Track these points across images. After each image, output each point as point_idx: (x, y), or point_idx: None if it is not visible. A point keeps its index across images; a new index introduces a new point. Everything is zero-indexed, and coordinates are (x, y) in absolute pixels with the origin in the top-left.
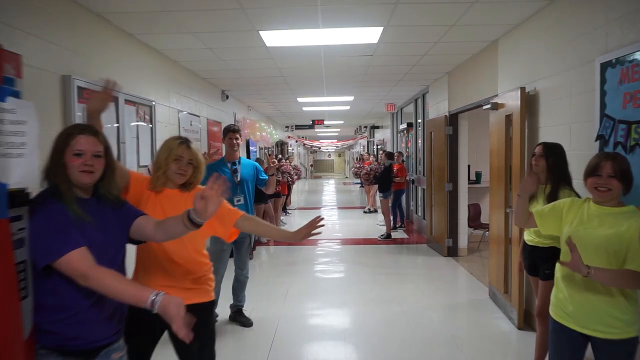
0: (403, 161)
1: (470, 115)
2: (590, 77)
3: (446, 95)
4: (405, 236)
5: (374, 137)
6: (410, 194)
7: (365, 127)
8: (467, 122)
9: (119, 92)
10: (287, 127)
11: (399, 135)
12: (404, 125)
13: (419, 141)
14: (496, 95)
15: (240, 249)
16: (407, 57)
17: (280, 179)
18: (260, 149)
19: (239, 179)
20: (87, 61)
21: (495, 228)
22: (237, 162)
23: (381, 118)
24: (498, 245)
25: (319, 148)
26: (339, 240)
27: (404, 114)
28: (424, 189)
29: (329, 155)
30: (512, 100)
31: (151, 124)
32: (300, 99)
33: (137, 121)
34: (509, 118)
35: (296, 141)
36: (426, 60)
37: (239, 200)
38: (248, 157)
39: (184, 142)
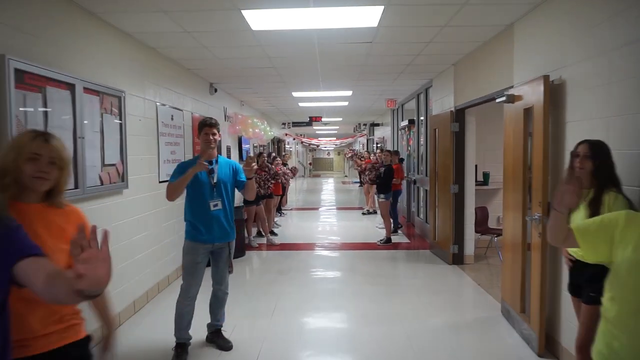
0: (402, 160)
1: (477, 111)
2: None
3: (452, 88)
4: (406, 240)
5: (373, 135)
6: (412, 195)
7: (365, 124)
8: (475, 119)
9: (76, 78)
10: (283, 124)
11: (399, 132)
12: (405, 122)
13: (422, 139)
14: (511, 87)
15: (218, 261)
16: (410, 45)
17: (272, 181)
18: (255, 146)
19: (215, 181)
20: (31, 40)
21: (509, 234)
22: (213, 161)
23: (381, 115)
24: (513, 253)
25: (317, 146)
26: (336, 245)
27: (405, 111)
28: (426, 190)
29: (328, 153)
30: (532, 92)
31: (120, 117)
32: (295, 94)
33: (102, 113)
34: (528, 112)
35: (294, 139)
36: (431, 49)
37: (215, 205)
38: (240, 155)
39: (40, 135)
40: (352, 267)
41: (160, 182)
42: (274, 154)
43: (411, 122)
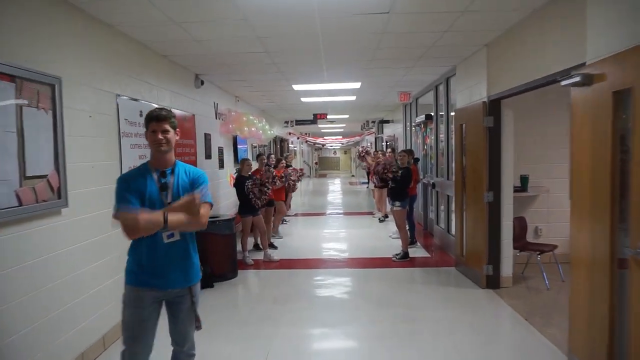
0: (417, 160)
1: (514, 102)
2: None
3: (484, 75)
4: (425, 254)
5: (382, 133)
6: (429, 200)
7: (373, 122)
8: (512, 111)
9: None
10: (286, 122)
11: (413, 130)
12: (421, 118)
13: (441, 136)
14: (583, 65)
15: (177, 315)
16: (436, 18)
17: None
18: (253, 147)
19: (170, 200)
20: None
21: (584, 253)
22: (167, 172)
23: (391, 111)
24: (590, 281)
25: (323, 145)
26: (343, 262)
27: (420, 106)
28: (448, 196)
29: (335, 152)
30: (629, 67)
31: (54, 112)
32: (296, 87)
33: (22, 106)
34: (618, 96)
35: (298, 138)
36: (462, 23)
37: (171, 236)
38: (236, 157)
39: None
40: (363, 292)
41: None
42: (274, 156)
43: (428, 117)
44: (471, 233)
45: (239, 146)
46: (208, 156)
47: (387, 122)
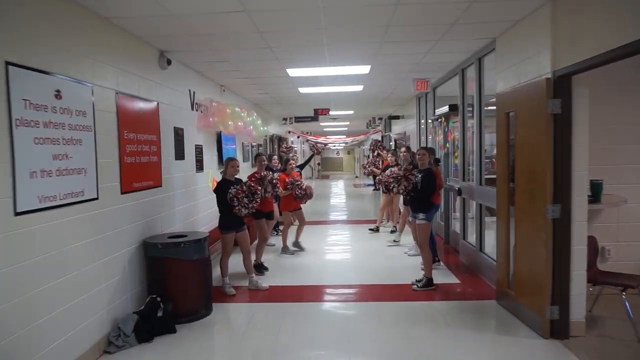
0: (438, 160)
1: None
2: None
3: (547, 41)
4: (453, 279)
5: (390, 130)
6: (450, 208)
7: (380, 118)
8: (589, 91)
9: None
10: (284, 119)
11: (431, 125)
12: (444, 109)
13: (470, 131)
14: None
15: None
16: None
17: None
18: (245, 146)
19: None
20: None
21: None
22: None
23: (402, 106)
24: None
25: (325, 145)
26: (351, 292)
27: (438, 98)
28: (481, 206)
29: (337, 152)
30: None
31: None
32: (292, 72)
33: None
34: None
35: (298, 137)
36: None
37: None
38: (220, 158)
39: None
40: (378, 342)
41: (17, 213)
42: (277, 157)
43: (452, 108)
44: (524, 259)
45: (225, 145)
46: (180, 156)
47: (397, 118)
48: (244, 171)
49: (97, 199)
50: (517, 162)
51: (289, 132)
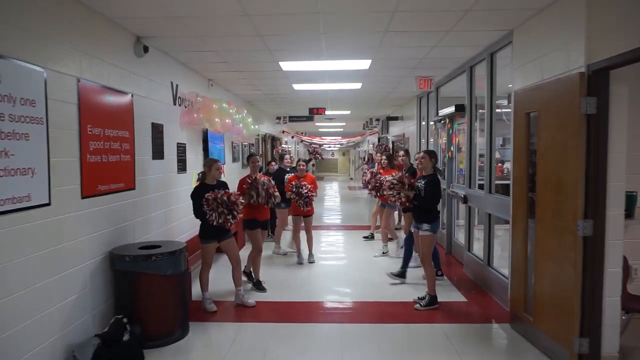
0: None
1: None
2: None
3: (580, 30)
4: (460, 297)
5: (387, 132)
6: (453, 216)
7: (378, 119)
8: (628, 89)
9: None
10: (278, 118)
11: (434, 127)
12: (449, 110)
13: (479, 134)
14: None
15: None
16: None
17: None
18: (233, 146)
19: None
20: None
21: None
22: None
23: (401, 107)
24: None
25: (320, 146)
26: (346, 309)
27: (442, 99)
28: (490, 215)
29: (332, 154)
30: None
31: None
32: (285, 66)
33: None
34: None
35: (292, 137)
36: None
37: None
38: (206, 155)
39: None
40: None
41: None
42: (290, 157)
43: (459, 109)
44: (546, 281)
45: (212, 144)
46: (158, 155)
47: (395, 119)
48: (234, 173)
49: (49, 204)
50: (540, 169)
51: (283, 132)
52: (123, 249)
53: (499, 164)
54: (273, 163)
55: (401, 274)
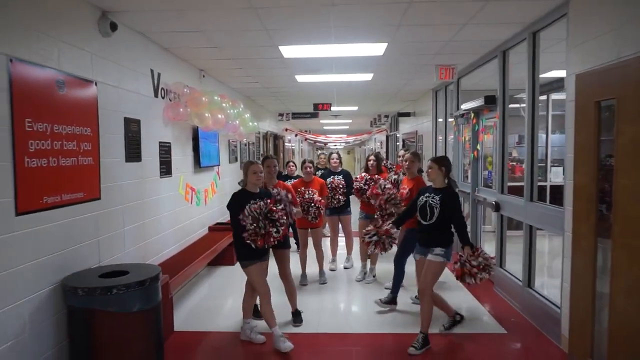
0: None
1: None
2: None
3: None
4: (498, 328)
5: (397, 129)
6: (479, 225)
7: (387, 116)
8: None
9: None
10: (280, 115)
11: (454, 123)
12: (476, 103)
13: (515, 132)
14: None
15: None
16: None
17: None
18: (233, 146)
19: None
20: None
21: None
22: None
23: (414, 102)
24: None
25: (325, 144)
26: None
27: (463, 93)
28: (531, 227)
29: (337, 153)
30: None
31: None
32: (286, 51)
33: None
34: None
35: (296, 135)
36: None
37: None
38: (197, 158)
39: None
40: None
41: None
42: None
43: (489, 101)
44: (630, 323)
45: (205, 142)
46: (133, 157)
47: (406, 115)
48: (232, 175)
49: None
50: (620, 175)
51: (286, 129)
52: (78, 278)
53: (516, 164)
54: (291, 163)
55: (391, 300)
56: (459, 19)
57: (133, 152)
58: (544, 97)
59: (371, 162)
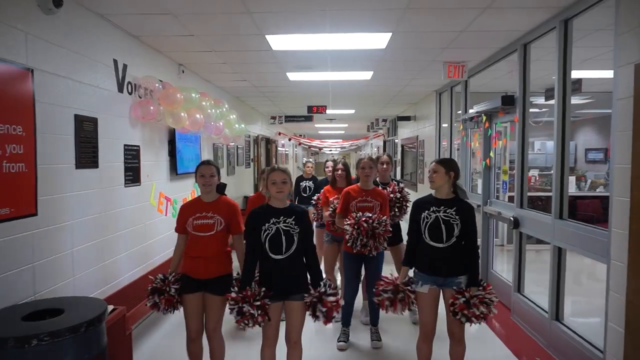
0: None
1: None
2: None
3: None
4: None
5: (395, 134)
6: (490, 241)
7: (384, 120)
8: None
9: None
10: (273, 118)
11: (462, 127)
12: (490, 105)
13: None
14: None
15: None
16: None
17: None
18: (216, 149)
19: None
20: None
21: None
22: None
23: (414, 105)
24: None
25: (320, 149)
26: None
27: (472, 95)
28: (560, 250)
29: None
30: None
31: None
32: (274, 41)
33: None
34: None
35: (290, 139)
36: None
37: None
38: (173, 163)
39: None
40: None
41: None
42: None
43: (507, 102)
44: None
45: (182, 145)
46: (88, 162)
47: (406, 119)
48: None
49: None
50: None
51: (280, 133)
52: None
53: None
54: (330, 163)
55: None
56: (477, 2)
57: (87, 156)
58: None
59: (339, 172)
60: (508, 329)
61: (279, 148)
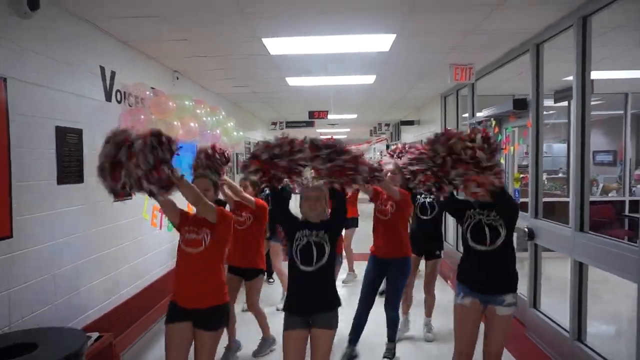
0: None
1: None
2: None
3: None
4: None
5: (398, 139)
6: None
7: (387, 124)
8: None
9: None
10: (273, 124)
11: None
12: (501, 109)
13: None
14: None
15: None
16: None
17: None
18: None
19: None
20: None
21: None
22: None
23: (418, 109)
24: None
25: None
26: None
27: (479, 98)
28: (581, 265)
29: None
30: None
31: None
32: (270, 45)
33: None
34: None
35: None
36: None
37: None
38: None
39: None
40: None
41: None
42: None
43: (519, 105)
44: None
45: (183, 154)
46: (71, 177)
47: (410, 123)
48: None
49: None
50: None
51: None
52: None
53: (526, 175)
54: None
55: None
56: (485, 8)
57: (70, 171)
58: (563, 104)
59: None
60: (524, 348)
61: None
